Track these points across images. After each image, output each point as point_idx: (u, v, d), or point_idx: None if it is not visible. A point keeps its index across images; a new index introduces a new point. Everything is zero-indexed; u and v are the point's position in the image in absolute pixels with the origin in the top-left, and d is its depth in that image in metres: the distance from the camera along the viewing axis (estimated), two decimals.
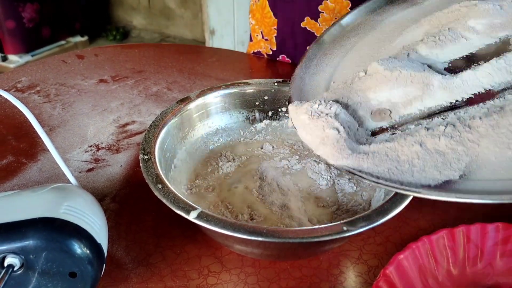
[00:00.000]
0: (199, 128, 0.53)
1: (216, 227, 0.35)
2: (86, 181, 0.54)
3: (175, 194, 0.38)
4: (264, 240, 0.34)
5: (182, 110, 0.51)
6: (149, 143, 0.45)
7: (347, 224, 0.35)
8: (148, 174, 0.41)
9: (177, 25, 3.00)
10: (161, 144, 0.46)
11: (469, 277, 0.41)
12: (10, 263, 0.33)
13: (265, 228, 0.35)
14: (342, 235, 0.34)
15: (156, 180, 0.40)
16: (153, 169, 0.42)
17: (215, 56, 0.86)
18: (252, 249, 0.41)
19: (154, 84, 0.76)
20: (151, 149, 0.44)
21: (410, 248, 0.41)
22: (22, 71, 0.79)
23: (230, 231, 0.35)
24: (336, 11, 0.73)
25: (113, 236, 0.46)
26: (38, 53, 2.61)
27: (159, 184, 0.39)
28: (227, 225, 0.35)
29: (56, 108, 0.68)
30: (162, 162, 0.45)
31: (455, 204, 0.51)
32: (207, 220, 0.36)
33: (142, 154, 0.43)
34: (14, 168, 0.56)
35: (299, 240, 0.34)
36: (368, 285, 0.41)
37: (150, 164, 0.42)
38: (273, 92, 0.55)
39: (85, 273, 0.34)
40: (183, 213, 0.36)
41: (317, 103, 0.39)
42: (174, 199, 0.38)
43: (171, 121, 0.49)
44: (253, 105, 0.55)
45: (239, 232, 0.34)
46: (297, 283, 0.41)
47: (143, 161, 0.42)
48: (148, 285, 0.41)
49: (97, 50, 0.88)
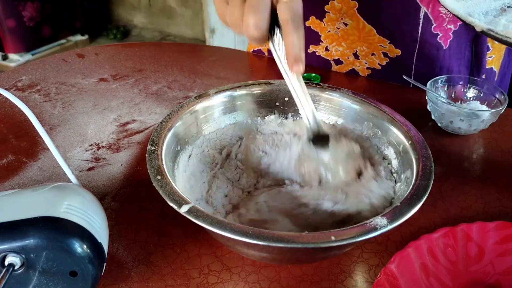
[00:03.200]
0: (212, 125, 0.53)
1: (204, 223, 0.35)
2: (87, 180, 0.54)
3: (172, 187, 0.39)
4: (249, 241, 0.34)
5: (197, 105, 0.51)
6: (159, 134, 0.46)
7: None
8: (151, 165, 0.41)
9: (177, 23, 3.00)
10: (172, 137, 0.47)
11: (470, 276, 0.41)
12: (10, 262, 0.33)
13: (251, 229, 0.35)
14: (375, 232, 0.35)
15: (157, 172, 0.40)
16: (156, 160, 0.42)
17: (215, 55, 0.86)
18: (241, 248, 0.41)
19: (155, 83, 0.76)
20: (160, 141, 0.45)
21: (411, 246, 0.41)
22: (22, 70, 0.79)
23: (216, 228, 0.35)
24: (342, 11, 0.72)
25: (113, 235, 0.46)
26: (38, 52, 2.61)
27: (159, 176, 0.40)
28: (214, 222, 0.35)
29: (56, 107, 0.68)
30: (171, 155, 0.45)
31: (456, 203, 0.51)
32: (196, 215, 0.36)
33: (150, 145, 0.44)
34: (15, 167, 0.56)
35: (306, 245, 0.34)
36: (369, 283, 0.41)
37: (155, 155, 0.43)
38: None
39: (85, 272, 0.34)
40: (175, 206, 0.37)
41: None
42: (169, 192, 0.38)
43: (185, 115, 0.49)
44: (273, 105, 0.55)
45: (225, 230, 0.35)
46: (298, 282, 0.41)
47: (149, 152, 0.43)
48: (149, 284, 0.41)
49: (97, 49, 0.88)
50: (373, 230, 0.35)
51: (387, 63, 0.75)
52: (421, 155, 0.43)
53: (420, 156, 0.43)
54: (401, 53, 0.73)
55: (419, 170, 0.41)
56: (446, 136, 0.62)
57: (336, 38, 0.76)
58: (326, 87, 0.53)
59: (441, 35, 0.71)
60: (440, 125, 0.63)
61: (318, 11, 0.74)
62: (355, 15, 0.71)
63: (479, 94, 0.64)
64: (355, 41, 0.75)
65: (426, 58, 0.73)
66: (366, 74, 0.79)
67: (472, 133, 0.62)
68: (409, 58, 0.74)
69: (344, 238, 0.34)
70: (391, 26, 0.71)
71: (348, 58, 0.78)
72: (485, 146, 0.61)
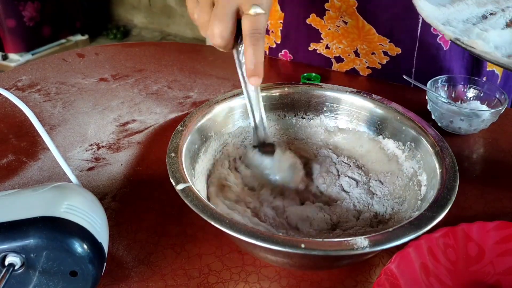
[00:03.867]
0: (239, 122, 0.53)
1: (191, 204, 0.36)
2: (87, 180, 0.54)
3: (178, 166, 0.40)
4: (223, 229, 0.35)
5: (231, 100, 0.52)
6: (193, 117, 0.47)
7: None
8: (172, 142, 0.43)
9: (177, 23, 3.00)
10: (205, 123, 0.48)
11: (470, 276, 0.41)
12: (11, 262, 0.33)
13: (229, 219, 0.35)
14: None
15: (173, 149, 0.42)
16: (178, 139, 0.44)
17: (215, 55, 0.86)
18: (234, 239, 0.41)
19: (155, 82, 0.76)
20: (190, 123, 0.46)
21: (411, 246, 0.40)
22: (22, 70, 0.79)
23: (204, 214, 0.36)
24: (342, 10, 0.72)
25: (113, 235, 0.46)
26: (38, 52, 2.61)
27: (173, 153, 0.42)
28: (199, 205, 0.36)
29: (56, 107, 0.68)
30: (197, 139, 0.47)
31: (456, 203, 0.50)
32: (187, 196, 0.37)
33: (180, 126, 0.46)
34: (15, 167, 0.56)
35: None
36: (369, 283, 0.41)
37: (179, 134, 0.45)
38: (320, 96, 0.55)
39: (86, 272, 0.34)
40: (174, 182, 0.39)
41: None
42: (175, 170, 0.40)
43: (219, 106, 0.50)
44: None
45: (210, 218, 0.35)
46: (298, 282, 0.41)
47: (176, 131, 0.45)
48: (149, 284, 0.41)
49: (97, 48, 0.88)
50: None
51: (388, 62, 0.75)
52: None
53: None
54: (401, 51, 0.73)
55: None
56: (446, 136, 0.62)
57: (336, 36, 0.76)
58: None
59: (440, 36, 0.71)
60: (440, 125, 0.63)
61: (319, 9, 0.75)
62: (354, 13, 0.71)
63: (479, 94, 0.64)
64: (355, 39, 0.75)
65: (426, 58, 0.73)
66: (367, 73, 0.79)
67: (472, 133, 0.62)
68: (409, 57, 0.73)
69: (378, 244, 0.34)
70: (390, 25, 0.71)
71: (349, 56, 0.78)
72: (485, 146, 0.61)
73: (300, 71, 0.78)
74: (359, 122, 0.53)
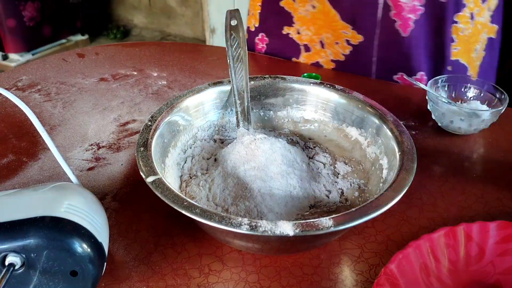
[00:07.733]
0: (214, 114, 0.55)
1: (162, 195, 0.38)
2: (87, 179, 0.54)
3: (149, 159, 0.42)
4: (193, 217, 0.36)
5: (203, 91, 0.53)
6: (161, 112, 0.49)
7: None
8: (141, 136, 0.44)
9: (177, 23, 3.00)
10: (174, 117, 0.50)
11: (470, 276, 0.41)
12: (11, 262, 0.33)
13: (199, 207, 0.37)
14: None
15: (143, 143, 0.44)
16: (147, 134, 0.45)
17: (215, 55, 0.86)
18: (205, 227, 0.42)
19: (155, 82, 0.76)
20: (159, 118, 0.48)
21: (411, 246, 0.40)
22: (22, 69, 0.79)
23: (171, 202, 0.37)
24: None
25: (114, 234, 0.46)
26: (38, 52, 2.61)
27: (142, 147, 0.43)
28: (170, 196, 0.37)
29: (56, 107, 0.68)
30: (167, 132, 0.48)
31: (456, 203, 0.51)
32: (157, 186, 0.38)
33: (148, 121, 0.47)
34: (15, 167, 0.56)
35: None
36: (369, 283, 0.41)
37: (148, 129, 0.46)
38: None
39: (86, 272, 0.34)
40: (144, 175, 0.40)
41: None
42: (145, 163, 0.41)
43: (188, 100, 0.52)
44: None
45: (181, 207, 0.36)
46: (298, 281, 0.41)
47: (144, 126, 0.46)
48: (149, 283, 0.41)
49: (97, 48, 0.88)
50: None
51: (350, 52, 0.78)
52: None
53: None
54: (363, 39, 0.75)
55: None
56: (446, 136, 0.62)
57: (306, 21, 0.79)
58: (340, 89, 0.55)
59: (400, 23, 0.72)
60: (440, 125, 0.63)
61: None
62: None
63: (480, 94, 0.64)
64: (322, 26, 0.77)
65: (387, 45, 0.75)
66: (331, 67, 0.81)
67: (473, 132, 0.62)
68: (371, 45, 0.76)
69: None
70: (352, 10, 0.74)
71: (315, 46, 0.80)
72: (486, 146, 0.61)
73: (300, 71, 0.78)
74: (324, 112, 0.55)
